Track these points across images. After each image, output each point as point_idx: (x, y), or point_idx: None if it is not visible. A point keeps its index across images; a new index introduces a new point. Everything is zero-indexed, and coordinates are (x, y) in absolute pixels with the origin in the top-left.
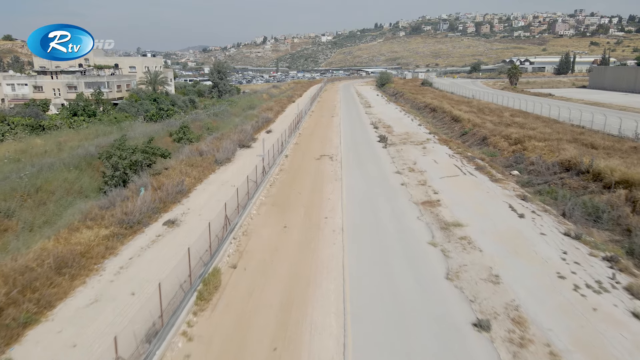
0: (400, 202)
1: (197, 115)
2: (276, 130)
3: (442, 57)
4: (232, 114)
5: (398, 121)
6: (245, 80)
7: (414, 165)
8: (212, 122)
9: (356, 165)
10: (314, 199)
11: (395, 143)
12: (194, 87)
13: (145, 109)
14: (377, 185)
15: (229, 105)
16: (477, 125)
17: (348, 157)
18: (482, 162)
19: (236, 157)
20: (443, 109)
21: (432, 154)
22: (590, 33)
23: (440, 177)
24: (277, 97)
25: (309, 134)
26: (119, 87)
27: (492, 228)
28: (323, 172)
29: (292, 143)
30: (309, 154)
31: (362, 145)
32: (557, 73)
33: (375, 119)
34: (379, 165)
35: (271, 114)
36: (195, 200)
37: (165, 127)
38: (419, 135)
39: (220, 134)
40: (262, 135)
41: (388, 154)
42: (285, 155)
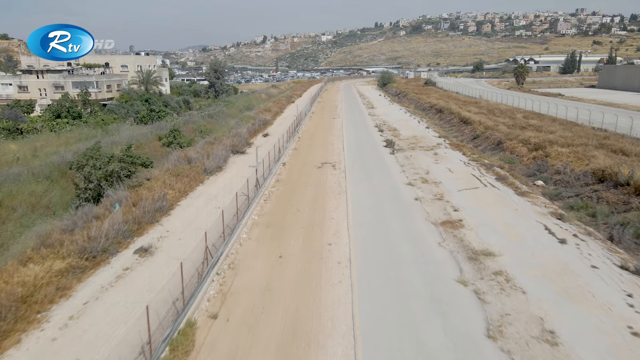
0: (417, 223)
1: (191, 117)
2: (274, 133)
3: (443, 56)
4: (228, 116)
5: (404, 123)
6: (244, 80)
7: (427, 176)
8: (206, 124)
9: (362, 175)
10: (315, 218)
11: (403, 148)
12: (190, 87)
13: (136, 111)
14: (387, 200)
15: (225, 106)
16: (490, 128)
17: (352, 165)
18: (503, 171)
19: (228, 165)
20: (450, 110)
21: (445, 161)
22: (592, 32)
23: (459, 190)
24: (276, 97)
25: (309, 138)
26: (109, 87)
27: (531, 258)
28: (325, 184)
29: (290, 148)
30: (309, 162)
31: (367, 151)
32: (562, 72)
33: (380, 120)
34: (387, 175)
35: (269, 116)
36: (177, 220)
37: (155, 130)
38: (428, 140)
39: (213, 138)
40: (258, 140)
41: (396, 161)
42: (283, 163)
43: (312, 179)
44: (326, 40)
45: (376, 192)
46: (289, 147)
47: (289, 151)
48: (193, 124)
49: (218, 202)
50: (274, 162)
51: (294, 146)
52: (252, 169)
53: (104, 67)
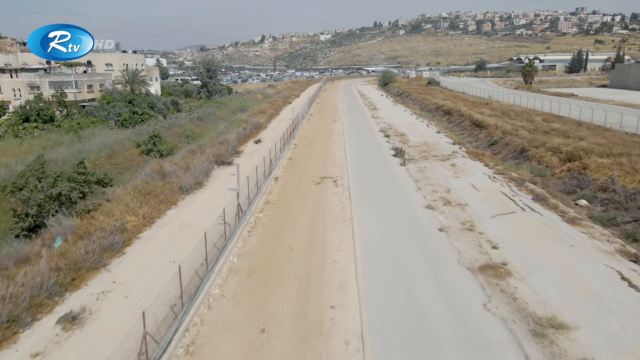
0: (447, 268)
1: (177, 120)
2: (267, 139)
3: (443, 55)
4: (220, 118)
5: (411, 127)
6: (240, 80)
7: (449, 195)
8: (194, 128)
9: (370, 194)
10: (312, 260)
11: (414, 158)
12: (181, 87)
13: (117, 113)
14: (404, 232)
15: (216, 107)
16: (508, 133)
17: (357, 181)
18: (538, 188)
19: (211, 180)
20: (460, 112)
21: (466, 174)
22: (594, 31)
23: (492, 216)
24: (273, 97)
25: (306, 145)
26: (90, 87)
27: (623, 334)
28: (325, 207)
29: (285, 158)
30: (306, 175)
31: (374, 161)
32: (568, 71)
33: (384, 124)
34: (400, 194)
35: (263, 119)
36: (132, 263)
37: (135, 135)
38: (441, 147)
39: (198, 146)
40: (249, 147)
41: (409, 174)
42: (275, 177)
43: (310, 199)
44: (325, 40)
45: (389, 219)
46: (283, 157)
47: (283, 162)
48: (179, 127)
49: (191, 232)
50: (263, 177)
51: (289, 155)
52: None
53: (85, 66)
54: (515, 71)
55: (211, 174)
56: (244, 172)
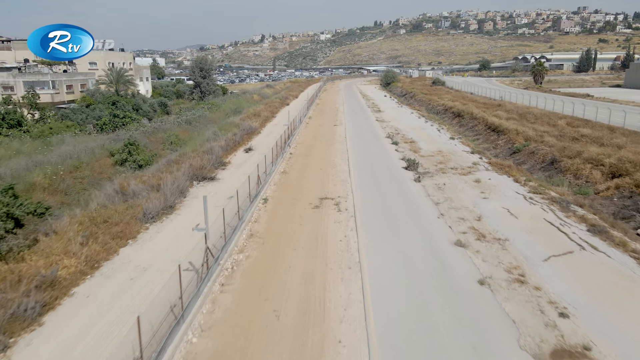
0: (504, 356)
1: (162, 124)
2: (259, 147)
3: (444, 55)
4: (211, 121)
5: (421, 132)
6: (238, 79)
7: (480, 224)
8: (180, 133)
9: (381, 225)
10: (307, 339)
11: (430, 171)
12: (173, 87)
13: (97, 116)
14: (432, 287)
15: (208, 109)
16: (532, 139)
17: (365, 204)
18: (589, 214)
19: (186, 203)
20: (472, 115)
21: (496, 194)
22: (597, 30)
23: (545, 259)
24: (270, 98)
25: (303, 155)
26: (70, 88)
27: None
28: (325, 245)
29: (277, 172)
30: (302, 195)
31: (382, 175)
32: (577, 71)
33: (391, 128)
34: (420, 224)
35: (257, 122)
36: (47, 343)
37: (111, 142)
38: (459, 157)
39: (180, 155)
40: (238, 157)
41: (426, 193)
42: (264, 198)
43: (306, 231)
44: (325, 39)
45: (410, 266)
46: (276, 170)
47: (276, 176)
48: (164, 132)
49: (145, 284)
50: (249, 201)
51: (282, 168)
52: (217, 209)
53: (65, 65)
54: (521, 70)
55: (188, 194)
56: (227, 191)
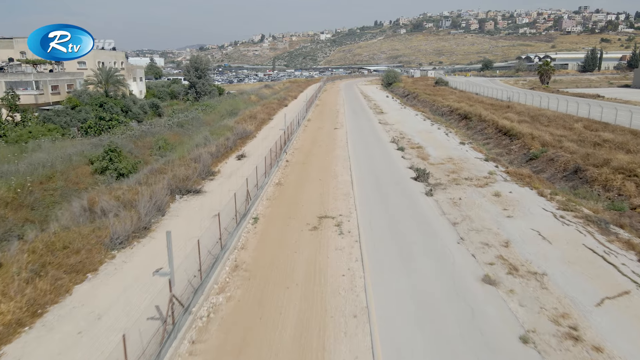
0: None
1: (152, 127)
2: (253, 153)
3: (445, 54)
4: (205, 123)
5: (428, 136)
6: (237, 79)
7: (509, 252)
8: (170, 137)
9: (391, 253)
10: None
11: (442, 183)
12: (167, 88)
13: (83, 118)
14: (466, 345)
15: (202, 111)
16: (549, 144)
17: (371, 225)
18: (635, 238)
19: (164, 223)
20: (480, 117)
21: (521, 211)
22: (599, 30)
23: (597, 303)
24: (268, 99)
25: (301, 162)
26: (56, 88)
27: None
28: (325, 281)
29: (271, 183)
30: (298, 213)
31: (389, 187)
32: (582, 70)
33: (395, 132)
34: (437, 251)
35: (252, 125)
36: None
37: (93, 148)
38: (472, 165)
39: (165, 164)
40: (229, 165)
41: (441, 211)
42: (254, 218)
43: (301, 261)
44: (325, 39)
45: (431, 311)
46: (270, 181)
47: (269, 189)
48: (152, 136)
49: (96, 343)
50: (236, 223)
51: (277, 178)
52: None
53: (51, 64)
54: (525, 70)
55: (168, 211)
56: (213, 207)
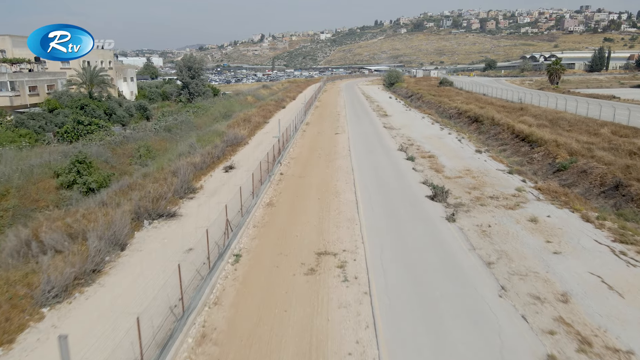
0: None
1: (135, 132)
2: (244, 163)
3: (447, 54)
4: (196, 127)
5: (438, 143)
6: (234, 79)
7: (572, 313)
8: (156, 143)
9: (414, 314)
10: None
11: (463, 202)
12: (159, 88)
13: (60, 122)
14: None
15: (194, 113)
16: (578, 153)
17: (383, 267)
18: None
19: (122, 261)
20: (493, 120)
21: (568, 244)
22: (601, 29)
23: None
24: (265, 100)
25: (297, 175)
26: (34, 89)
27: None
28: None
29: (260, 204)
30: (290, 247)
31: (402, 209)
32: (589, 70)
33: (402, 137)
34: (477, 313)
35: (245, 130)
36: None
37: (63, 157)
38: (494, 178)
39: (139, 179)
40: (214, 179)
41: (470, 245)
42: (235, 255)
43: (292, 326)
44: (325, 39)
45: None
46: (259, 201)
47: (258, 212)
48: (137, 142)
49: None
50: (209, 266)
51: (268, 197)
52: (165, 274)
53: (30, 63)
54: (531, 70)
55: (130, 243)
56: (187, 238)
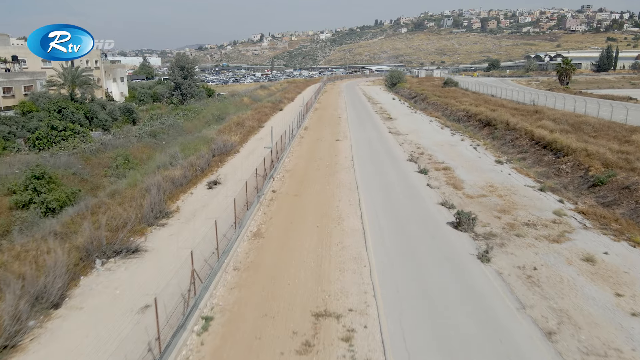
0: None
1: (116, 139)
2: (231, 177)
3: (448, 54)
4: (185, 131)
5: (451, 151)
6: (232, 79)
7: None
8: (138, 150)
9: None
10: None
11: (494, 233)
12: (150, 89)
13: (34, 127)
14: None
15: (184, 116)
16: (614, 164)
17: (407, 344)
18: None
19: (51, 326)
20: (508, 124)
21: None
22: (604, 29)
23: None
24: (262, 101)
25: (292, 194)
26: (9, 91)
27: None
28: None
29: (246, 234)
30: (279, 303)
31: (421, 246)
32: (597, 70)
33: (411, 144)
34: None
35: (237, 136)
36: None
37: (24, 169)
38: (524, 197)
39: (110, 195)
40: (194, 198)
41: (518, 302)
42: (205, 318)
43: None
44: (325, 39)
45: None
46: (243, 233)
47: (242, 246)
48: (116, 149)
49: None
50: (160, 351)
51: (256, 224)
52: None
53: (7, 62)
54: (536, 70)
55: (69, 297)
56: (145, 288)
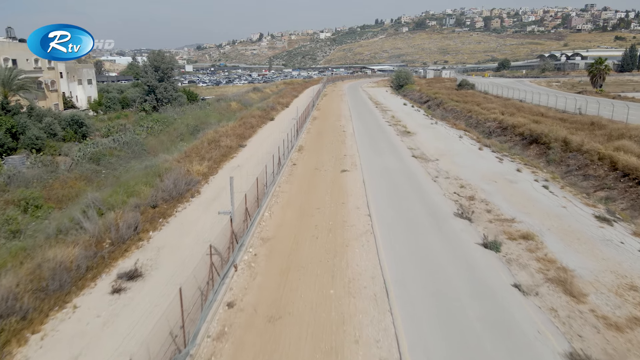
0: None
1: (32, 169)
2: (163, 260)
3: (450, 53)
4: (147, 151)
5: (516, 193)
6: (225, 80)
7: None
8: (70, 182)
9: None
10: None
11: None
12: (120, 94)
13: None
14: None
15: (148, 130)
16: None
17: None
18: None
19: None
20: (567, 144)
21: None
22: (611, 27)
23: None
24: (252, 107)
25: (266, 318)
26: None
27: None
28: None
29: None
30: None
31: None
32: (620, 70)
33: (449, 179)
34: None
35: (204, 164)
36: None
37: None
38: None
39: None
40: (69, 327)
41: None
42: None
43: None
44: (325, 38)
45: None
46: None
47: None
48: (26, 187)
49: None
50: None
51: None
52: None
53: None
54: (552, 70)
55: None
56: None
